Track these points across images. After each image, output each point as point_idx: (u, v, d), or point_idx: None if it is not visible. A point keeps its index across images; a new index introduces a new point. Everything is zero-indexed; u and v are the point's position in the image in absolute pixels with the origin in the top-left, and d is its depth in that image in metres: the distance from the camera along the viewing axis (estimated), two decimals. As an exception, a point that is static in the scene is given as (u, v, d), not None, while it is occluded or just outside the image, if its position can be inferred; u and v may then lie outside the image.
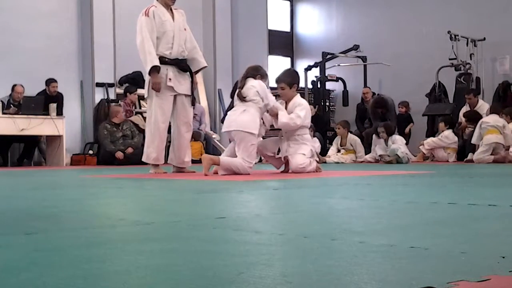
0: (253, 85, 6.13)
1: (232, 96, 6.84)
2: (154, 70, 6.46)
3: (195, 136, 11.56)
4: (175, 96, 6.66)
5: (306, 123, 6.34)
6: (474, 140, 9.89)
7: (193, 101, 6.88)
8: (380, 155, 9.78)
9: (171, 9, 6.73)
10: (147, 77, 6.65)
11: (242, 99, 6.10)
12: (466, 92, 10.95)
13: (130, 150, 10.41)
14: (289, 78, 6.43)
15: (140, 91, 11.85)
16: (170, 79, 6.57)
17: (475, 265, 1.37)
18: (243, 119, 6.00)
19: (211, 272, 1.33)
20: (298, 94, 6.49)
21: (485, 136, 9.63)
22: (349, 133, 10.77)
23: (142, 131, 10.81)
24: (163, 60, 6.53)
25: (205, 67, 7.10)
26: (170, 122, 6.75)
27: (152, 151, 6.63)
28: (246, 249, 1.66)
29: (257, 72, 6.33)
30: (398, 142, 9.67)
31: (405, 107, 12.04)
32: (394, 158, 9.46)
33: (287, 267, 1.39)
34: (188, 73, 6.78)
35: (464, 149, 10.36)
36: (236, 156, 6.00)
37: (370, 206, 2.86)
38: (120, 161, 10.23)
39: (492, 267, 1.34)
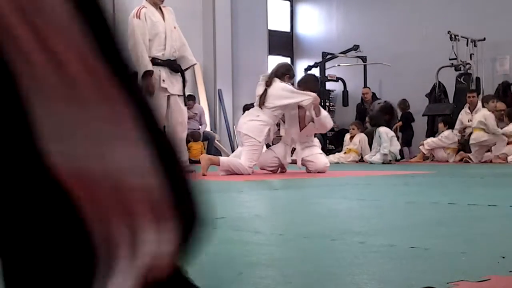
0: (278, 95, 6.16)
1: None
2: (147, 74, 6.48)
3: (195, 136, 11.56)
4: (168, 97, 6.69)
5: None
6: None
7: (185, 101, 6.90)
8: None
9: (160, 8, 6.71)
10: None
11: (261, 104, 6.18)
12: (469, 91, 10.96)
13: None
14: (311, 85, 6.43)
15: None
16: (163, 80, 6.59)
17: (475, 265, 1.37)
18: (253, 125, 6.12)
19: (211, 272, 1.33)
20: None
21: (472, 134, 9.79)
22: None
23: None
24: (155, 61, 6.53)
25: (195, 64, 7.08)
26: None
27: None
28: (246, 249, 1.66)
29: (287, 72, 6.38)
30: (383, 136, 9.70)
31: (400, 105, 11.96)
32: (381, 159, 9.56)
33: (287, 267, 1.39)
34: (179, 73, 6.79)
35: (464, 150, 10.37)
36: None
37: (370, 206, 2.86)
38: None
39: (492, 267, 1.34)
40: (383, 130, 9.80)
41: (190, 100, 12.37)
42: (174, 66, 6.67)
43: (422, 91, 12.06)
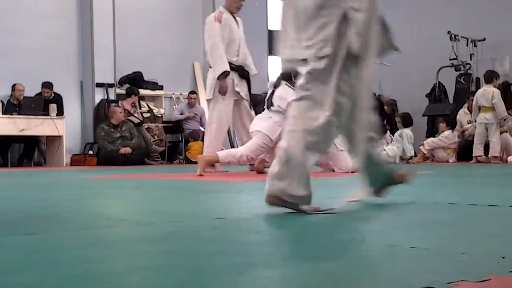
0: (281, 96, 6.08)
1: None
2: (223, 74, 6.61)
3: (195, 136, 11.56)
4: (236, 100, 6.87)
5: None
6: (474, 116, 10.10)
7: (250, 106, 7.06)
8: None
9: (234, 17, 7.01)
10: (211, 80, 6.79)
11: (269, 106, 6.15)
12: (470, 93, 10.96)
13: (128, 150, 10.41)
14: None
15: (141, 91, 11.86)
16: (236, 84, 6.79)
17: (475, 265, 1.37)
18: (267, 124, 6.08)
19: (211, 272, 1.33)
20: None
21: (482, 114, 9.68)
22: None
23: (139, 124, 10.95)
24: (230, 65, 6.77)
25: (255, 74, 7.26)
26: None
27: (211, 151, 6.66)
28: (246, 249, 1.66)
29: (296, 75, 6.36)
30: (408, 139, 9.97)
31: (389, 105, 11.90)
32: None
33: (287, 267, 1.39)
34: (245, 80, 7.00)
35: (465, 150, 10.37)
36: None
37: (370, 206, 2.86)
38: (123, 158, 10.21)
39: (492, 267, 1.34)
40: (409, 133, 10.06)
41: (193, 93, 12.40)
42: (244, 72, 6.94)
43: (422, 91, 12.05)
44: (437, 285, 1.16)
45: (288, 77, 6.31)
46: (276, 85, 6.26)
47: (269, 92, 6.31)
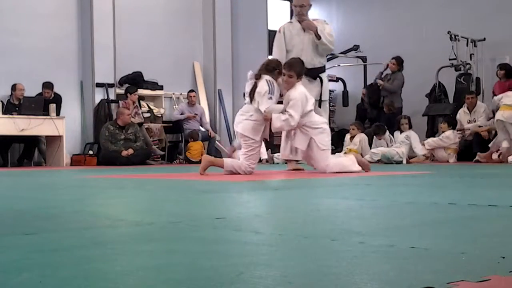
0: (259, 92, 6.01)
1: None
2: None
3: (194, 136, 11.56)
4: None
5: (307, 111, 6.11)
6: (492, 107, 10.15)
7: (320, 104, 7.21)
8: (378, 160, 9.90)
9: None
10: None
11: (251, 100, 6.05)
12: (468, 92, 10.95)
13: (130, 151, 10.41)
14: (299, 68, 6.21)
15: (140, 91, 11.85)
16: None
17: (475, 265, 1.38)
18: (248, 124, 6.02)
19: (211, 272, 1.33)
20: (298, 84, 6.15)
21: (501, 112, 9.57)
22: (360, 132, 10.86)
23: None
24: None
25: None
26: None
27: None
28: (246, 249, 1.66)
29: (277, 67, 6.19)
30: (413, 139, 10.21)
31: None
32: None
33: (287, 267, 1.39)
34: (317, 79, 7.22)
35: (465, 150, 10.36)
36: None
37: (370, 206, 2.86)
38: (123, 159, 10.21)
39: (492, 267, 1.34)
40: (415, 134, 10.37)
41: (193, 92, 12.39)
42: (311, 74, 7.12)
43: (422, 91, 12.05)
44: (437, 285, 1.16)
45: (272, 68, 6.17)
46: (257, 77, 6.08)
47: (250, 84, 6.11)
